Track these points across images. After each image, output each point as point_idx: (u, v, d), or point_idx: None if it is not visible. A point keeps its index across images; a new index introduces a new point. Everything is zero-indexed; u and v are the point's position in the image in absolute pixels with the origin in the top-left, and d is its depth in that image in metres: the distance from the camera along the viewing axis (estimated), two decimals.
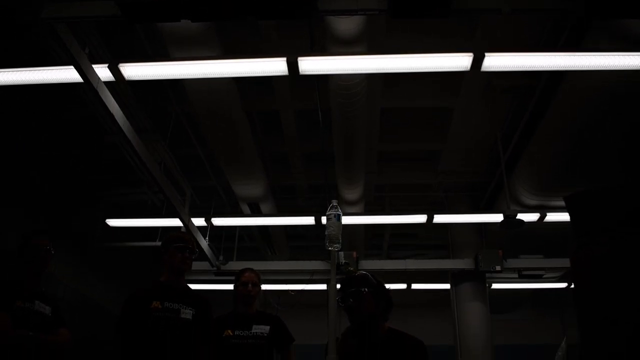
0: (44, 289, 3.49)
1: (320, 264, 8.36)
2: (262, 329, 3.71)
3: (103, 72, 4.29)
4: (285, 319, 3.97)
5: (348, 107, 5.54)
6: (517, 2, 3.69)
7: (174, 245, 3.29)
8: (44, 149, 6.81)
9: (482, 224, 8.40)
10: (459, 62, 4.28)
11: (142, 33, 5.52)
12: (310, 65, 4.33)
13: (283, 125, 7.16)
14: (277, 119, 7.10)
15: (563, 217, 6.77)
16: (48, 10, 3.63)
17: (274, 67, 4.32)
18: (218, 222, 7.46)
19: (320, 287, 8.46)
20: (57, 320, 3.35)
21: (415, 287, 10.11)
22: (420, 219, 7.14)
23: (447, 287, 8.72)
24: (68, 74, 4.35)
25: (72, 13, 3.67)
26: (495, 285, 9.67)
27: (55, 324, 3.32)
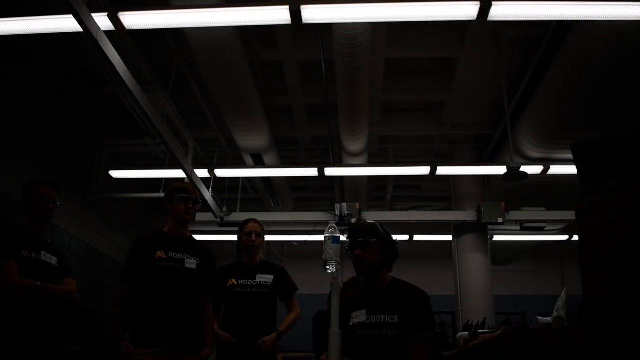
0: (50, 240, 3.51)
1: (324, 215, 8.43)
2: (266, 279, 3.77)
3: (103, 21, 4.21)
4: (289, 270, 4.03)
5: (351, 57, 5.45)
6: None
7: (177, 196, 3.30)
8: (48, 100, 6.77)
9: (485, 177, 8.40)
10: (466, 11, 4.19)
11: None
12: (314, 14, 4.24)
13: (286, 77, 7.08)
14: (280, 70, 7.02)
15: (566, 170, 6.77)
16: None
17: (277, 15, 4.23)
18: (221, 173, 7.45)
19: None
20: (63, 271, 3.36)
21: (418, 238, 10.19)
22: (424, 171, 7.11)
23: (449, 238, 8.81)
24: (67, 23, 4.26)
25: None
26: (497, 237, 9.76)
27: (62, 274, 3.33)
